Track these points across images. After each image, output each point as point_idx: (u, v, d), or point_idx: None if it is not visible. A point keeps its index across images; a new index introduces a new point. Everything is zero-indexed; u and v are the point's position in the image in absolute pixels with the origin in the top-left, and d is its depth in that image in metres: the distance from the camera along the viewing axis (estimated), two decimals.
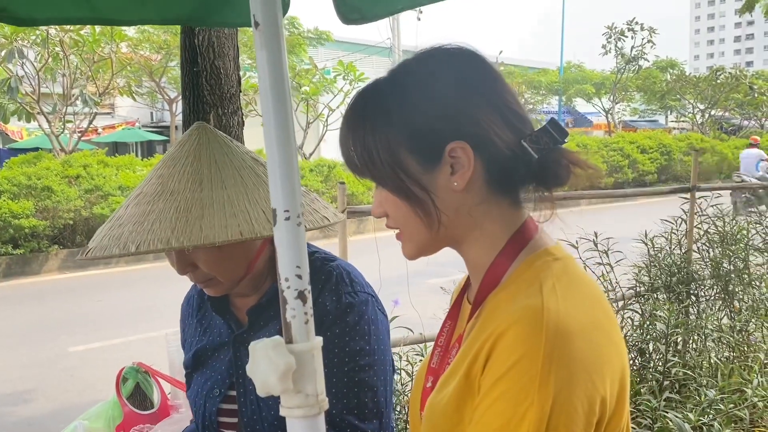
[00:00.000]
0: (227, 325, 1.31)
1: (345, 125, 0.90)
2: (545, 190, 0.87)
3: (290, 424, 0.68)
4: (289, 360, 0.65)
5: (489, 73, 0.89)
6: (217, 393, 1.27)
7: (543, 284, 0.80)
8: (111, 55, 13.05)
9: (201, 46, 1.83)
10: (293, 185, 0.69)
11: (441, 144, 0.84)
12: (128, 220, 1.13)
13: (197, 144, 1.21)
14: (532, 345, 0.74)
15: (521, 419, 0.72)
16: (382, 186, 0.89)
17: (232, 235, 1.09)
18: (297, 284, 0.68)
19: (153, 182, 1.18)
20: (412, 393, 1.01)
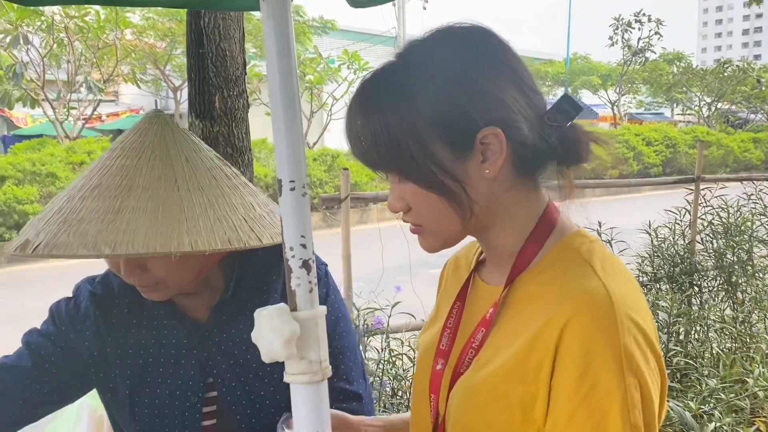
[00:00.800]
0: (181, 327, 1.19)
1: (357, 114, 0.83)
2: (566, 169, 0.86)
3: (294, 389, 0.69)
4: (294, 327, 0.66)
5: (508, 50, 0.85)
6: (196, 400, 1.18)
7: (592, 265, 0.80)
8: (116, 41, 13.04)
9: (207, 28, 1.82)
10: (299, 156, 0.69)
11: (473, 131, 0.80)
12: (90, 216, 1.00)
13: (161, 136, 1.10)
14: (609, 332, 0.74)
15: (614, 412, 0.73)
16: (408, 179, 0.83)
17: (221, 243, 1.01)
18: (302, 253, 0.69)
19: (114, 173, 1.05)
20: (417, 374, 0.99)
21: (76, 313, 1.22)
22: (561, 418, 0.76)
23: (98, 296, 1.23)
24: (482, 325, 0.87)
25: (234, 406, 1.19)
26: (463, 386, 0.86)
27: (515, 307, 0.84)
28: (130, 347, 1.20)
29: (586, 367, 0.74)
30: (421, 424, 0.96)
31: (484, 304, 0.90)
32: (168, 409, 1.18)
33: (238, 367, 1.19)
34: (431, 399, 0.93)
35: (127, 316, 1.21)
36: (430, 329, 1.01)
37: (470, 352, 0.87)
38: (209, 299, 1.21)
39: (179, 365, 1.19)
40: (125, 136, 1.11)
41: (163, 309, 1.19)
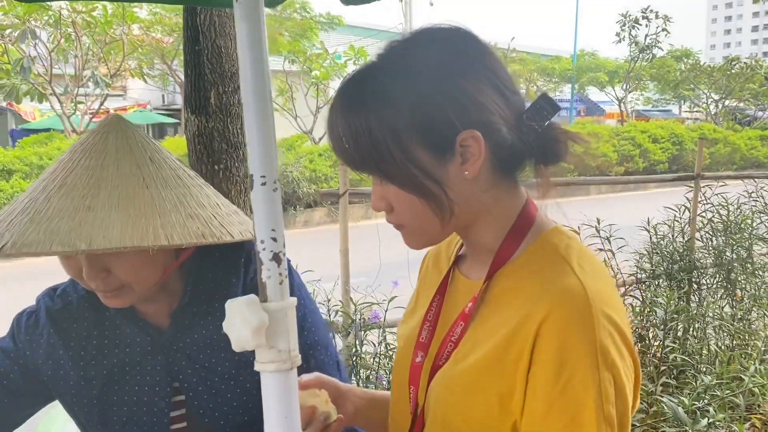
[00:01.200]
0: (143, 333, 1.18)
1: (340, 114, 0.84)
2: (543, 167, 0.87)
3: (264, 378, 0.71)
4: (263, 317, 0.69)
5: (487, 52, 0.86)
6: (163, 405, 1.17)
7: (570, 262, 0.82)
8: (123, 36, 13.09)
9: (203, 25, 1.85)
10: (270, 152, 0.72)
11: (453, 134, 0.81)
12: (60, 214, 0.99)
13: (123, 137, 1.09)
14: (585, 328, 0.76)
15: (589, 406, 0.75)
16: (389, 180, 0.85)
17: (195, 237, 1.01)
18: (272, 246, 0.71)
19: (79, 173, 1.04)
20: (397, 366, 1.02)
21: (34, 330, 1.22)
22: (538, 411, 0.78)
23: (55, 311, 1.22)
24: (461, 318, 0.89)
25: (201, 410, 1.19)
26: (442, 379, 0.88)
27: (494, 302, 0.87)
28: (92, 358, 1.19)
29: (562, 362, 0.76)
30: (401, 415, 0.98)
31: (463, 298, 0.92)
32: (137, 415, 1.18)
33: (204, 370, 1.19)
34: (410, 390, 0.95)
35: (88, 327, 1.20)
36: (409, 321, 1.03)
37: (449, 345, 0.89)
38: (169, 304, 1.19)
39: (145, 371, 1.18)
40: (85, 138, 1.10)
41: (125, 317, 1.18)
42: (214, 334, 1.18)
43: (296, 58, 16.51)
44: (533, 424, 0.79)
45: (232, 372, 1.19)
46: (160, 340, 1.19)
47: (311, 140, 16.28)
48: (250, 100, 0.71)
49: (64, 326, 1.21)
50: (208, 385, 1.18)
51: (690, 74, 26.14)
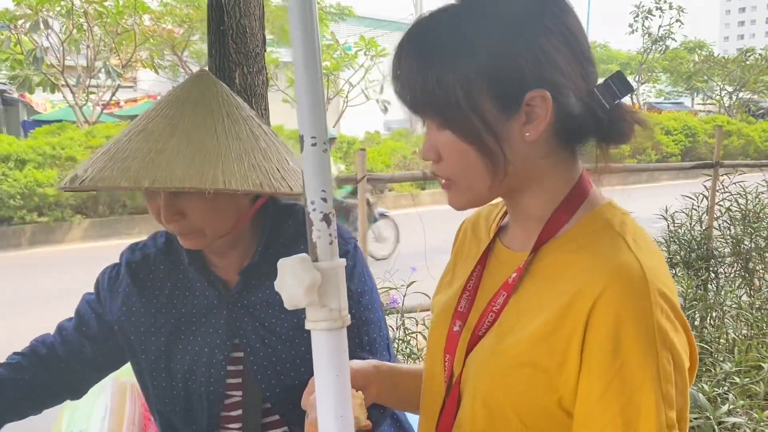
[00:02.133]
0: (213, 288, 1.25)
1: (409, 53, 0.82)
2: (605, 146, 0.85)
3: (315, 336, 0.71)
4: (315, 275, 0.69)
5: (572, 15, 0.83)
6: (221, 357, 1.23)
7: (625, 238, 0.81)
8: (134, 27, 13.12)
9: (227, 5, 1.85)
10: (320, 113, 0.71)
11: (522, 90, 0.79)
12: (135, 154, 1.08)
13: (206, 91, 1.17)
14: (642, 306, 0.75)
15: (647, 385, 0.74)
16: (449, 128, 0.82)
17: (253, 185, 1.08)
18: (322, 207, 0.71)
19: (158, 121, 1.13)
20: (433, 334, 1.00)
21: (115, 281, 1.33)
22: (594, 391, 0.76)
23: (134, 263, 1.32)
24: (504, 289, 0.88)
25: (256, 367, 1.23)
26: (485, 351, 0.87)
27: (541, 274, 0.85)
28: (163, 306, 1.27)
29: (619, 340, 0.75)
30: (434, 383, 0.97)
31: (505, 268, 0.90)
32: (197, 365, 1.24)
33: (263, 329, 1.23)
34: (446, 359, 0.94)
35: (162, 278, 1.29)
36: (446, 290, 1.02)
37: (490, 316, 0.88)
38: (239, 261, 1.26)
39: (209, 324, 1.25)
40: (172, 90, 1.20)
41: (197, 269, 1.26)
42: (277, 295, 1.21)
43: None
44: (588, 404, 0.77)
45: (290, 334, 1.23)
46: (227, 296, 1.25)
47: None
48: (300, 60, 0.71)
49: (141, 276, 1.31)
50: (265, 344, 1.23)
51: (703, 66, 25.92)
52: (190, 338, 1.25)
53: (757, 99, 29.73)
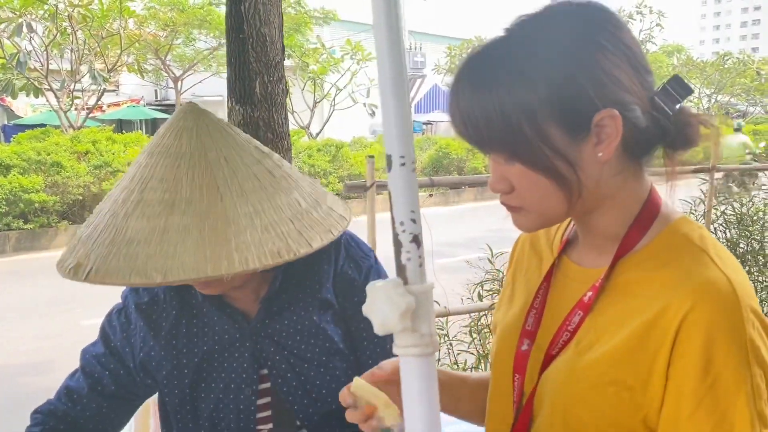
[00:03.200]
0: (231, 321, 1.20)
1: (467, 91, 0.80)
2: (672, 153, 0.84)
3: (405, 362, 0.69)
4: (410, 300, 0.67)
5: (624, 28, 0.82)
6: (250, 392, 1.18)
7: (708, 253, 0.79)
8: (120, 30, 12.98)
9: (247, 13, 1.83)
10: (408, 132, 0.70)
11: (590, 113, 0.77)
12: (137, 236, 0.99)
13: (197, 137, 1.06)
14: (734, 323, 0.74)
15: (740, 404, 0.73)
16: (519, 160, 0.80)
17: (271, 258, 0.99)
18: (412, 228, 0.69)
19: (154, 187, 1.03)
20: (498, 354, 0.98)
21: (127, 326, 1.25)
22: (685, 408, 0.75)
23: (144, 305, 1.24)
24: (579, 307, 0.86)
25: (290, 396, 1.19)
26: (564, 369, 0.85)
27: (618, 292, 0.83)
28: (183, 346, 1.21)
29: (710, 357, 0.74)
30: (502, 402, 0.96)
31: (576, 285, 0.89)
32: (224, 403, 1.19)
33: (293, 357, 1.19)
34: (515, 378, 0.93)
35: (176, 316, 1.22)
36: (509, 308, 1.01)
37: (565, 335, 0.86)
38: (257, 291, 1.21)
39: (233, 358, 1.19)
40: (160, 138, 1.08)
41: (212, 304, 1.19)
42: (305, 320, 1.19)
43: (292, 53, 16.45)
44: (678, 421, 0.76)
45: (323, 359, 1.19)
46: (248, 327, 1.19)
47: (308, 135, 16.23)
48: (387, 79, 0.69)
49: (154, 317, 1.23)
50: (296, 372, 1.18)
51: (683, 69, 26.26)
52: (213, 375, 1.19)
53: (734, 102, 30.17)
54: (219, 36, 17.73)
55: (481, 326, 3.51)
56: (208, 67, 20.01)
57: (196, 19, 17.40)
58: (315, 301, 1.21)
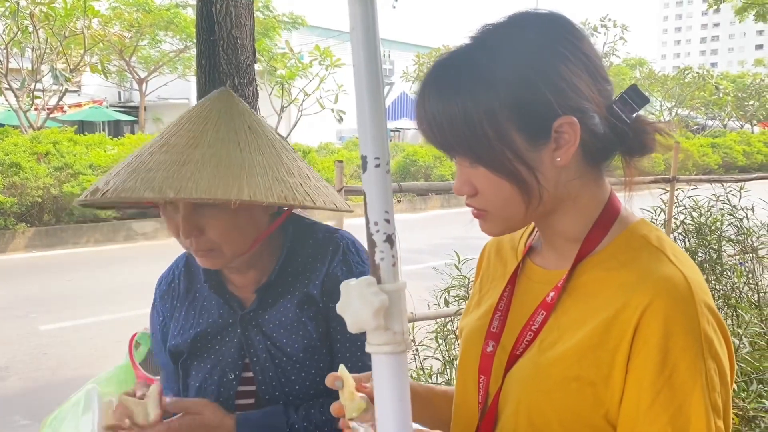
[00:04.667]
0: (227, 306, 1.25)
1: (433, 96, 0.83)
2: (630, 159, 0.87)
3: (377, 360, 0.70)
4: (383, 298, 0.68)
5: (582, 36, 0.86)
6: (232, 377, 1.23)
7: (665, 253, 0.83)
8: (83, 30, 12.74)
9: (218, 15, 1.82)
10: (383, 134, 0.71)
11: (550, 119, 0.81)
12: (158, 167, 1.08)
13: (228, 107, 1.18)
14: (690, 317, 0.77)
15: (696, 395, 0.76)
16: (481, 164, 0.83)
17: (278, 198, 1.08)
18: (385, 228, 0.70)
19: (181, 135, 1.13)
20: (464, 357, 1.00)
21: (158, 318, 1.38)
22: (643, 400, 0.78)
23: (165, 294, 1.36)
24: (542, 308, 0.88)
25: (264, 387, 1.21)
26: (528, 367, 0.87)
27: (581, 291, 0.86)
28: (182, 327, 1.29)
29: (667, 351, 0.76)
30: (467, 405, 0.97)
31: (538, 287, 0.92)
32: (207, 383, 1.24)
33: (274, 348, 1.21)
34: (480, 380, 0.94)
35: (181, 298, 1.31)
36: (474, 312, 1.03)
37: (528, 335, 0.89)
38: (256, 280, 1.24)
39: (223, 342, 1.25)
40: (192, 108, 1.20)
41: (214, 288, 1.25)
42: (290, 313, 1.22)
43: (260, 57, 16.36)
44: (637, 414, 0.78)
45: (300, 355, 1.21)
46: (242, 314, 1.24)
47: None
48: (363, 81, 0.70)
49: (167, 297, 1.35)
50: (275, 364, 1.22)
51: (645, 82, 26.89)
52: (204, 356, 1.25)
53: (694, 115, 31.00)
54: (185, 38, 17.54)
55: (447, 332, 3.54)
56: (174, 70, 19.78)
57: (162, 21, 17.20)
58: (301, 295, 1.24)
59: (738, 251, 4.73)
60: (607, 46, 24.29)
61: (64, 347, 5.52)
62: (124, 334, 1.81)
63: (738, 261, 4.65)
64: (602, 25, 23.35)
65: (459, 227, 0.97)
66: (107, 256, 9.21)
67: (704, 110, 30.11)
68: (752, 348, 3.86)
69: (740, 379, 3.39)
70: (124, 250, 9.58)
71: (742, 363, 3.57)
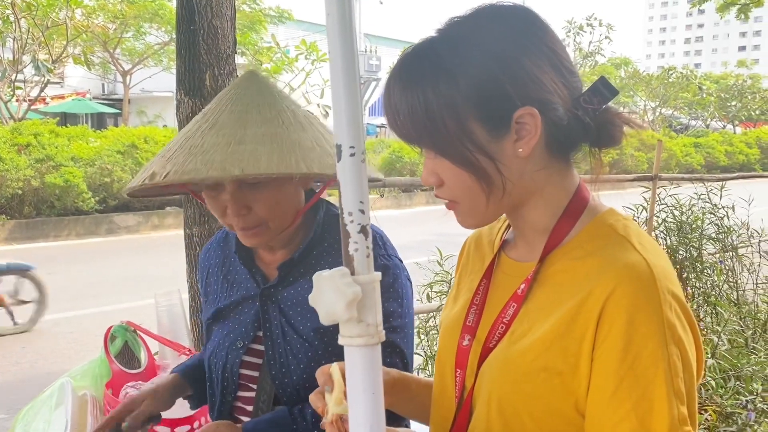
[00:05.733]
0: (253, 279, 1.31)
1: (396, 87, 0.84)
2: (598, 151, 0.88)
3: (349, 352, 0.69)
4: (356, 289, 0.67)
5: (548, 30, 0.86)
6: (240, 345, 1.27)
7: (630, 241, 0.83)
8: (66, 21, 12.57)
9: (199, 4, 1.80)
10: (358, 122, 0.70)
11: (510, 110, 0.81)
12: (213, 148, 1.11)
13: (263, 88, 1.22)
14: (653, 304, 0.77)
15: (659, 381, 0.76)
16: (443, 155, 0.84)
17: (331, 169, 1.10)
18: (360, 219, 0.70)
19: (227, 115, 1.17)
20: (441, 351, 1.01)
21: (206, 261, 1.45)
22: (608, 387, 0.78)
23: (205, 252, 1.44)
24: (513, 300, 0.89)
25: (272, 362, 1.24)
26: (499, 359, 0.87)
27: (550, 282, 0.86)
28: (218, 291, 1.36)
29: (630, 337, 0.77)
30: (445, 398, 0.97)
31: (512, 280, 0.92)
32: (218, 348, 1.30)
33: (288, 326, 1.25)
34: (457, 374, 0.94)
35: (216, 271, 1.38)
36: (453, 306, 1.03)
37: (501, 327, 0.89)
38: (283, 258, 1.28)
39: (242, 313, 1.30)
40: (227, 90, 1.24)
41: (243, 261, 1.31)
42: (306, 293, 1.23)
43: (245, 51, 16.23)
44: (602, 401, 0.79)
45: (310, 334, 1.23)
46: (263, 288, 1.29)
47: None
48: (339, 70, 0.69)
49: (205, 265, 1.42)
50: (286, 341, 1.24)
51: (629, 82, 27.07)
52: (224, 322, 1.32)
53: (677, 115, 31.28)
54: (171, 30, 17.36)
55: (430, 327, 3.54)
56: (159, 62, 19.58)
57: (147, 13, 17.01)
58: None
59: (718, 249, 4.77)
60: (593, 45, 24.41)
61: (43, 341, 5.46)
62: (105, 327, 1.80)
63: (718, 259, 4.68)
64: (588, 24, 23.44)
65: (443, 224, 0.97)
66: (89, 249, 9.12)
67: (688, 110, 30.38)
68: (731, 345, 3.90)
69: (718, 376, 3.42)
70: (106, 243, 9.50)
71: (720, 360, 3.61)
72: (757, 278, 4.68)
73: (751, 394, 3.25)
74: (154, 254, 8.58)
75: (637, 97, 28.00)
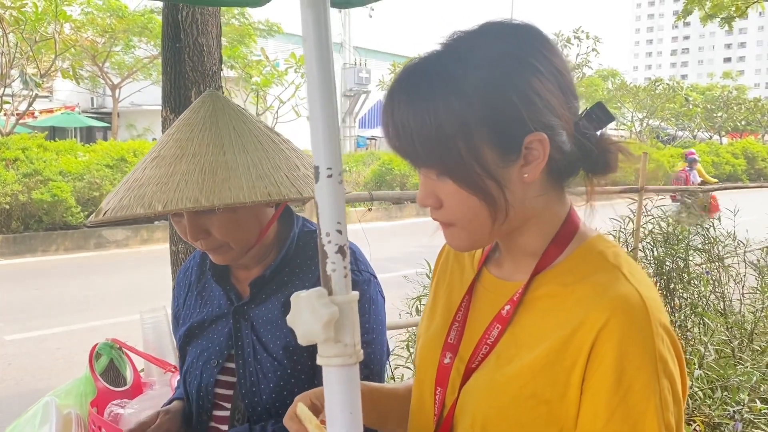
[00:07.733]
0: (226, 297, 1.31)
1: (402, 104, 0.79)
2: (593, 177, 0.87)
3: (327, 372, 0.70)
4: (333, 310, 0.67)
5: (555, 51, 0.83)
6: (215, 364, 1.27)
7: (622, 270, 0.82)
8: (55, 35, 12.54)
9: (184, 22, 1.80)
10: (335, 144, 0.71)
11: (522, 135, 0.79)
12: (149, 181, 1.14)
13: (212, 110, 1.22)
14: (645, 337, 0.77)
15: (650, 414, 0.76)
16: (450, 177, 0.81)
17: (261, 196, 1.11)
18: (338, 239, 0.70)
19: (170, 146, 1.19)
20: (421, 367, 0.99)
21: (183, 280, 1.45)
22: (599, 418, 0.77)
23: (182, 272, 1.44)
24: (498, 321, 0.88)
25: (243, 380, 1.24)
26: (485, 382, 0.86)
27: (538, 306, 0.85)
28: (192, 307, 1.36)
29: (623, 370, 0.76)
30: (423, 414, 0.96)
31: (495, 298, 0.91)
32: (193, 368, 1.30)
33: (259, 344, 1.25)
34: (437, 392, 0.93)
35: (190, 286, 1.39)
36: (431, 319, 1.01)
37: (484, 348, 0.88)
38: (256, 275, 1.29)
39: (216, 330, 1.30)
40: (183, 115, 1.26)
41: (218, 279, 1.32)
42: (276, 311, 1.26)
43: (235, 64, 16.27)
44: (593, 431, 0.78)
45: (279, 353, 1.23)
46: (236, 306, 1.29)
47: None
48: (316, 91, 0.70)
49: (182, 285, 1.42)
50: (257, 359, 1.24)
51: (617, 93, 27.29)
52: (198, 341, 1.32)
53: (664, 126, 31.54)
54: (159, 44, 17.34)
55: None
56: (148, 76, 19.57)
57: (136, 26, 17.02)
58: (289, 295, 1.24)
59: (705, 260, 4.80)
60: (580, 57, 24.60)
61: (29, 358, 5.40)
62: (92, 344, 1.78)
63: (705, 270, 4.71)
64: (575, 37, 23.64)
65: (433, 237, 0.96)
66: (77, 264, 9.06)
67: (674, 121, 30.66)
68: (718, 355, 3.92)
69: (706, 387, 3.44)
70: (94, 257, 9.43)
71: (707, 370, 3.62)
72: (743, 288, 4.71)
73: (738, 405, 3.27)
74: (143, 268, 8.53)
75: (624, 108, 28.21)
